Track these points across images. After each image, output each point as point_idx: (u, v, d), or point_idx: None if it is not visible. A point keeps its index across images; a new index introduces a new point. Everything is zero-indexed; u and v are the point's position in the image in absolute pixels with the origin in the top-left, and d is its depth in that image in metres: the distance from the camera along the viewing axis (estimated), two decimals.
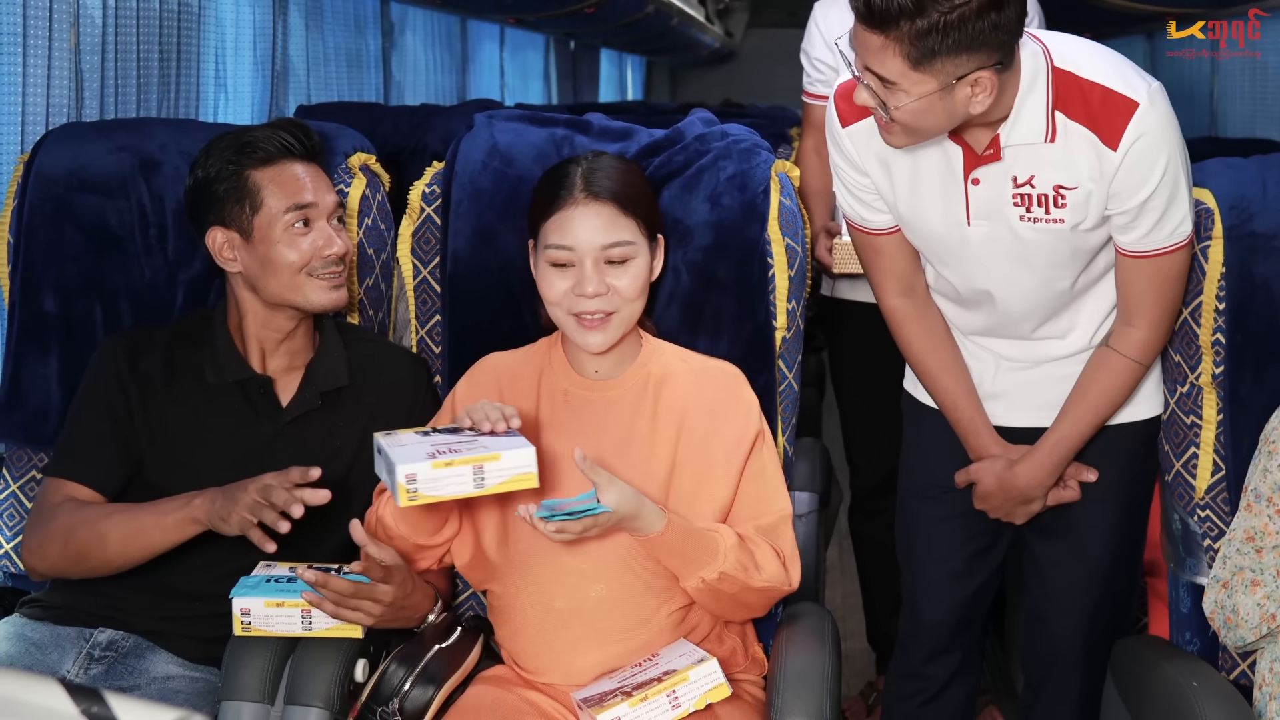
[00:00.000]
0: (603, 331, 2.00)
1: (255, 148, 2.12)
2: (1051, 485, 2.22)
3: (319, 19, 4.68)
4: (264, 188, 2.11)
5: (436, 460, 1.76)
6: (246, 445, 2.13)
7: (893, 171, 2.10)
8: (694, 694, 1.83)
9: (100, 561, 2.05)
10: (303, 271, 2.11)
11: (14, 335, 2.37)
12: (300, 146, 2.15)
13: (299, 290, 2.11)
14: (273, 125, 2.16)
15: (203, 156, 2.14)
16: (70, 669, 2.05)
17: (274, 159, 2.12)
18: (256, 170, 2.11)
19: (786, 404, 2.25)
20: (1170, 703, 1.93)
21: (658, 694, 1.83)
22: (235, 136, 2.15)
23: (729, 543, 1.94)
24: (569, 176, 2.02)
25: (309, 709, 1.93)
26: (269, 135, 2.13)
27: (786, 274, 2.22)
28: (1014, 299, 2.15)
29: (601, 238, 1.99)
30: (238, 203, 2.10)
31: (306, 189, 2.13)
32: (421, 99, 6.01)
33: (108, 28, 2.97)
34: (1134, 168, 1.98)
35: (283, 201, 2.11)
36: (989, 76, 1.88)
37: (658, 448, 2.02)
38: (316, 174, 2.16)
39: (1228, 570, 1.94)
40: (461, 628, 2.05)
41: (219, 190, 2.11)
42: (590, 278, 1.98)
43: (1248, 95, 5.09)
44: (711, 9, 11.10)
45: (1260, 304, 2.13)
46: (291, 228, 2.11)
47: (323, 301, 2.14)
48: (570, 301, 1.99)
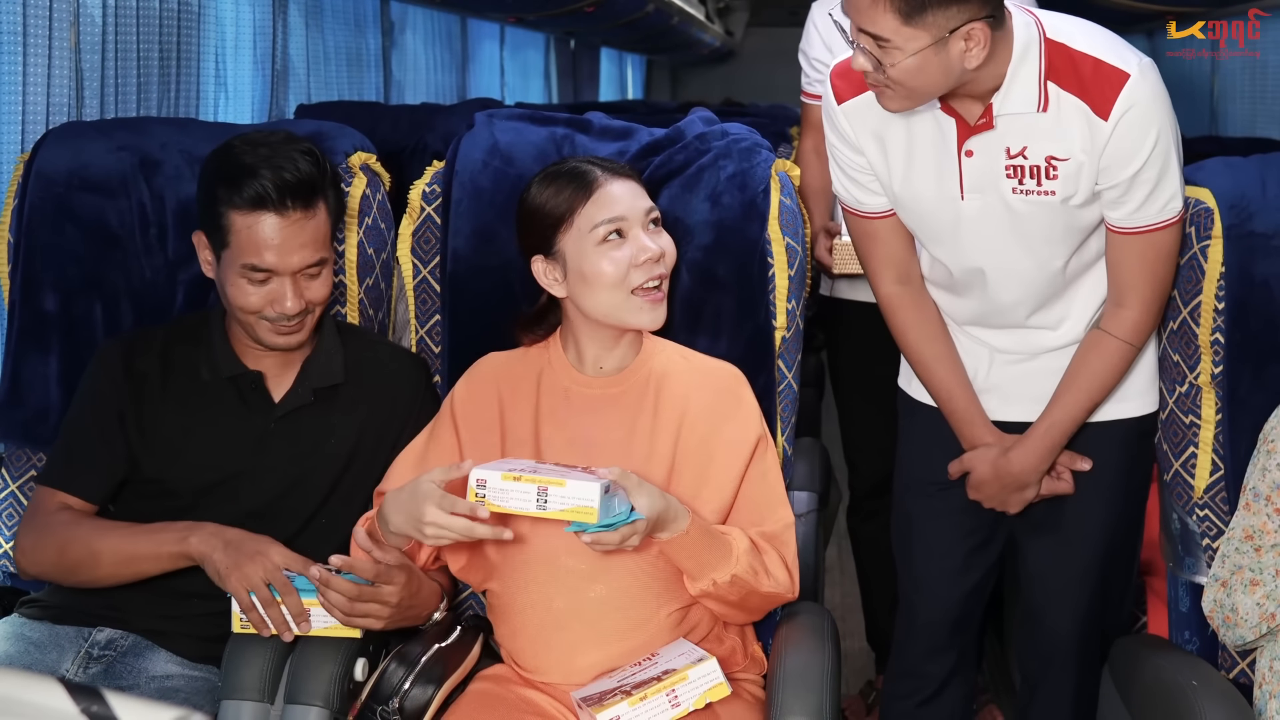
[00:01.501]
0: (661, 305, 2.05)
1: (240, 187, 2.03)
2: (1045, 471, 2.22)
3: (319, 18, 4.68)
4: (232, 232, 2.04)
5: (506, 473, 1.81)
6: (239, 440, 2.13)
7: (888, 147, 2.12)
8: (694, 693, 1.83)
9: (90, 578, 2.08)
10: (254, 314, 2.08)
11: (14, 335, 2.37)
12: (280, 201, 2.02)
13: (251, 328, 2.10)
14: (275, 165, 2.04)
15: (210, 162, 2.11)
16: (69, 668, 2.05)
17: (252, 207, 2.03)
18: (234, 211, 2.04)
19: (786, 403, 2.25)
20: (1170, 702, 1.93)
21: (657, 693, 1.83)
22: (232, 160, 2.06)
23: (741, 546, 1.95)
24: (584, 166, 2.06)
25: (309, 708, 1.93)
26: (256, 183, 2.02)
27: (786, 273, 2.22)
28: (1007, 280, 2.16)
29: (645, 203, 2.06)
30: (214, 229, 2.08)
31: (269, 249, 2.03)
32: (422, 98, 6.01)
33: (108, 27, 2.97)
34: (1124, 138, 1.99)
35: (242, 256, 2.05)
36: (981, 29, 1.90)
37: (658, 445, 2.02)
38: (295, 230, 2.04)
39: (1227, 569, 1.94)
40: (461, 627, 2.05)
41: (205, 207, 2.09)
42: (644, 243, 2.03)
43: (1248, 94, 5.09)
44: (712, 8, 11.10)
45: (1259, 303, 2.13)
46: (248, 279, 2.06)
47: (274, 343, 2.11)
48: (632, 276, 2.02)
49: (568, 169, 2.07)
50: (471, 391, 2.09)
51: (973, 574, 2.36)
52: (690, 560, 1.93)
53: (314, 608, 1.95)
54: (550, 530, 1.97)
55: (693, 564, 1.94)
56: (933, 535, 2.35)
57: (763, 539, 2.01)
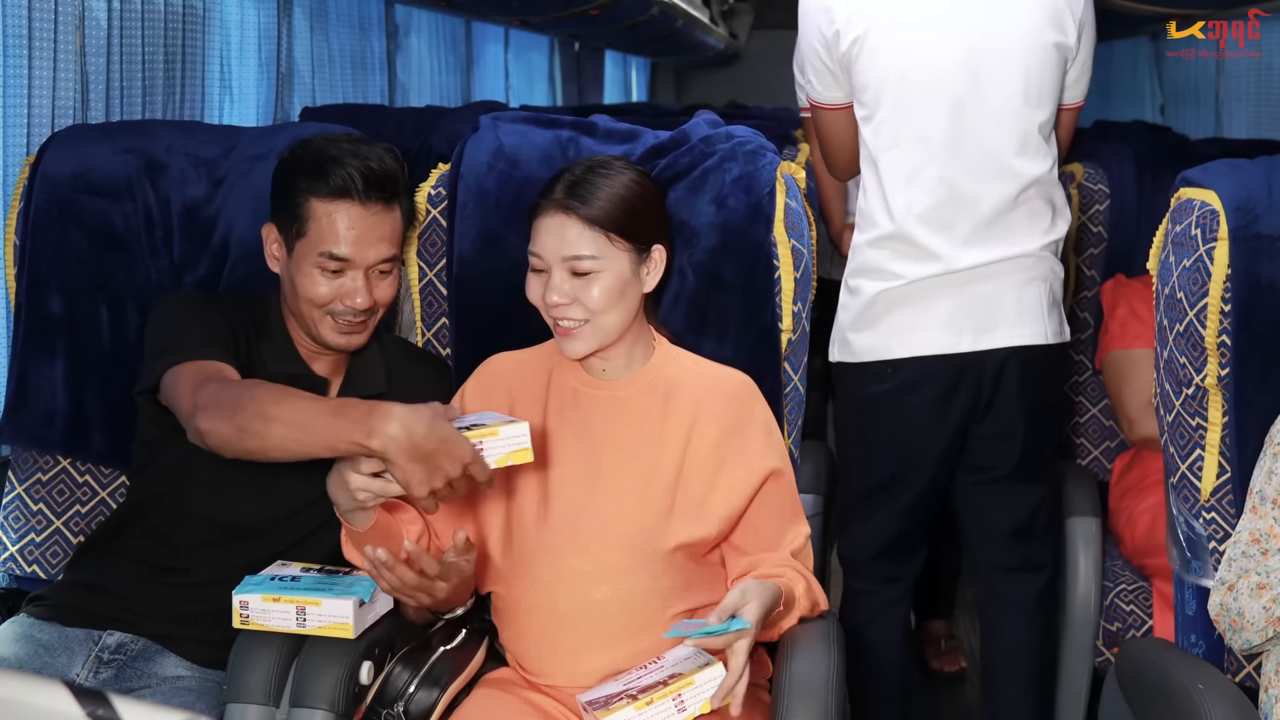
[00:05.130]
0: (576, 340, 2.00)
1: (325, 177, 2.05)
2: None
3: (324, 21, 4.68)
4: (311, 219, 2.06)
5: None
6: None
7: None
8: (700, 697, 1.83)
9: (259, 446, 1.85)
10: (321, 309, 2.08)
11: (20, 337, 2.37)
12: (366, 191, 2.05)
13: (314, 324, 2.10)
14: (360, 156, 2.06)
15: (299, 149, 2.10)
16: (79, 672, 2.05)
17: (336, 195, 2.05)
18: (318, 199, 2.05)
19: (792, 406, 2.25)
20: (1176, 705, 1.92)
21: (663, 697, 1.83)
22: (323, 152, 2.07)
23: (799, 590, 2.00)
24: (557, 182, 2.02)
25: (314, 711, 1.92)
26: (342, 171, 2.05)
27: (792, 276, 2.22)
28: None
29: (564, 249, 1.98)
30: (290, 219, 2.08)
31: (348, 240, 2.05)
32: (426, 101, 6.01)
33: (113, 30, 2.97)
34: None
35: (320, 244, 2.06)
36: None
37: (665, 450, 2.01)
38: (374, 221, 2.07)
39: (1233, 573, 1.93)
40: (466, 629, 2.05)
41: (284, 196, 2.09)
42: (555, 285, 1.98)
43: (1253, 96, 5.09)
44: (716, 11, 11.09)
45: (1266, 306, 2.13)
46: (321, 269, 2.07)
47: (333, 342, 2.11)
48: (545, 307, 2.01)
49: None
50: (482, 387, 2.09)
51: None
52: (766, 629, 1.94)
53: (311, 606, 1.94)
54: (554, 531, 1.97)
55: (766, 625, 1.92)
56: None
57: (796, 560, 2.04)
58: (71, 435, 2.35)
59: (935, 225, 2.48)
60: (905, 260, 2.50)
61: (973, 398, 2.53)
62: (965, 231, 2.48)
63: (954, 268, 2.49)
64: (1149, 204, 3.16)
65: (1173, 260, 2.18)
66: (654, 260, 2.04)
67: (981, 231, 2.49)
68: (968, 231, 2.48)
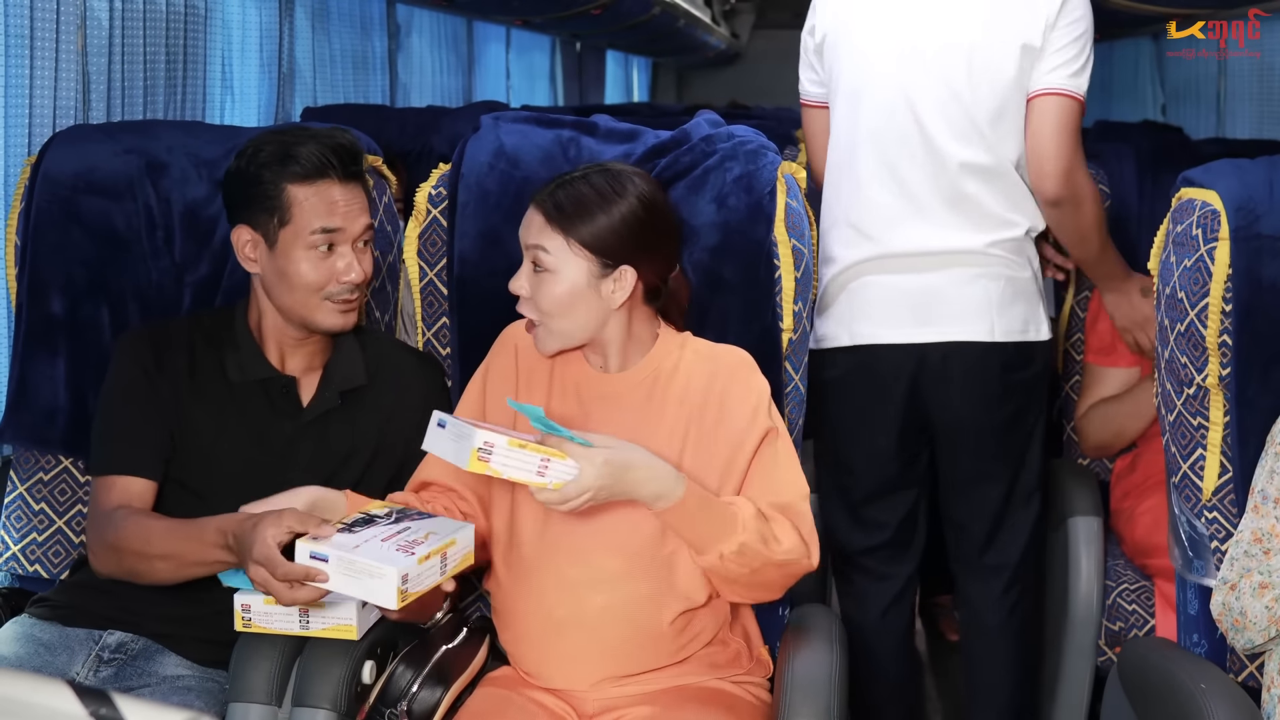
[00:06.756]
0: (537, 338, 2.01)
1: (298, 161, 2.07)
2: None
3: (325, 21, 4.69)
4: (297, 204, 2.06)
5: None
6: (268, 444, 2.13)
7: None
8: (559, 475, 1.83)
9: (151, 582, 2.05)
10: (318, 293, 2.09)
11: (21, 337, 2.37)
12: (343, 167, 2.09)
13: (310, 310, 2.10)
14: (321, 138, 2.10)
15: (250, 149, 2.11)
16: (79, 671, 2.05)
17: (314, 176, 2.07)
18: (294, 184, 2.06)
19: (793, 405, 2.25)
20: (1178, 705, 1.92)
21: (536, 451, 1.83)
22: (282, 142, 2.09)
23: (748, 513, 1.91)
24: (554, 178, 2.02)
25: (316, 710, 1.92)
26: (315, 151, 2.08)
27: (793, 275, 2.22)
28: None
29: (528, 237, 1.99)
30: (268, 211, 2.07)
31: (338, 212, 2.08)
32: (427, 101, 6.02)
33: (114, 30, 2.98)
34: None
35: (311, 222, 2.06)
36: None
37: (666, 441, 1.98)
38: (353, 196, 2.11)
39: (1235, 572, 1.93)
40: (468, 628, 2.05)
41: (254, 193, 2.08)
42: (521, 273, 2.00)
43: (1255, 96, 5.09)
44: (717, 10, 11.10)
45: (1267, 306, 2.13)
46: (315, 249, 2.07)
47: (331, 324, 2.12)
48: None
49: None
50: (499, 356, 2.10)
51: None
52: (692, 532, 1.90)
53: (313, 608, 1.94)
54: (551, 539, 1.97)
55: (695, 535, 1.90)
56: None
57: (774, 509, 1.95)
58: (73, 434, 2.35)
59: (871, 208, 2.54)
60: (844, 245, 2.57)
61: (910, 391, 2.55)
62: (899, 213, 2.53)
63: (888, 250, 2.52)
64: (1150, 204, 3.16)
65: (1174, 260, 2.18)
66: (622, 280, 1.97)
67: (916, 217, 2.53)
68: (902, 213, 2.53)
